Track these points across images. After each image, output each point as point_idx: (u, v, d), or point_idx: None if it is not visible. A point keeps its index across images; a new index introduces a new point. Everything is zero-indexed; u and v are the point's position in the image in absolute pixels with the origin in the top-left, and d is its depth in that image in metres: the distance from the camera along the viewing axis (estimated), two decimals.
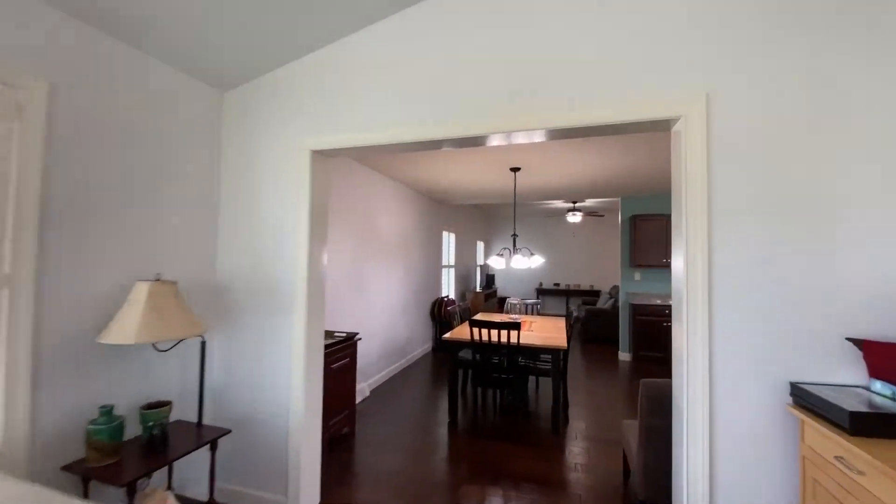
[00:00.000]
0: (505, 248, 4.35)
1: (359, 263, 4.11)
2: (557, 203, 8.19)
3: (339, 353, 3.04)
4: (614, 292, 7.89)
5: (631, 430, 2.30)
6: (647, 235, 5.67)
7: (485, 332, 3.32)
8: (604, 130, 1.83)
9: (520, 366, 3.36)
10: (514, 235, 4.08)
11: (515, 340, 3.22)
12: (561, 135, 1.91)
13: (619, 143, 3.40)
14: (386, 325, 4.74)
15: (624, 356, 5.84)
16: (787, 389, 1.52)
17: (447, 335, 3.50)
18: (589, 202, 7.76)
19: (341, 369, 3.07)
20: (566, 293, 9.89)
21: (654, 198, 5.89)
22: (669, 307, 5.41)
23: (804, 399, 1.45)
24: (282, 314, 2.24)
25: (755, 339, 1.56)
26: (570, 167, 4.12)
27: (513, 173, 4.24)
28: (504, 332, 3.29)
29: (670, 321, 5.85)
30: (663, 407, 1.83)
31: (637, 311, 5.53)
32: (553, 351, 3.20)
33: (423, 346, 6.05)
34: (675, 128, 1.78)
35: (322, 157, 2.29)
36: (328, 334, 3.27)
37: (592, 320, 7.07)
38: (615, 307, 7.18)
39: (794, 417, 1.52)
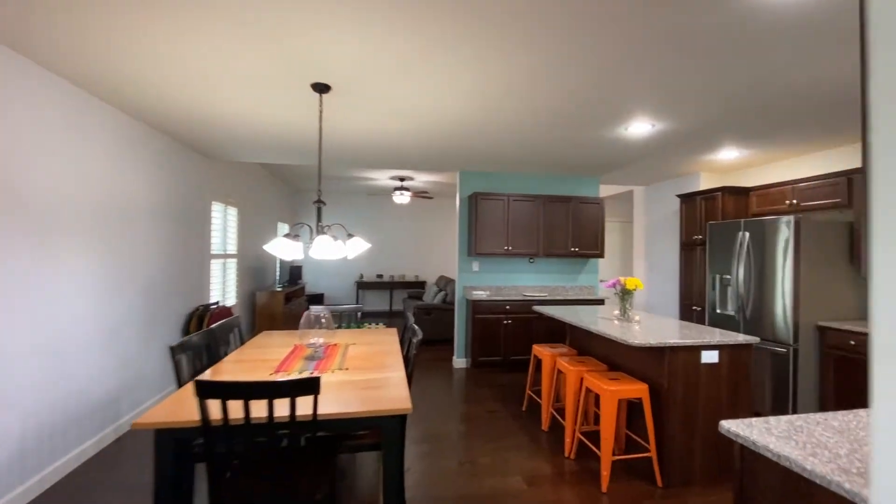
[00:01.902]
0: (300, 225, 2.57)
1: None
2: (383, 180, 6.75)
3: None
4: (442, 284, 7.02)
5: None
6: (491, 219, 4.78)
7: (236, 406, 1.54)
8: None
9: (320, 448, 1.73)
10: (319, 203, 2.36)
11: (310, 412, 1.56)
12: None
13: (472, 58, 2.10)
14: (48, 374, 2.34)
15: (459, 363, 4.86)
16: None
17: (143, 418, 1.55)
18: (420, 181, 6.60)
19: None
20: (390, 286, 8.64)
21: (499, 176, 5.07)
22: (513, 303, 4.65)
23: None
24: None
25: None
26: (401, 95, 2.66)
27: (318, 96, 2.50)
28: (284, 402, 1.58)
29: (512, 320, 5.21)
30: None
31: (477, 308, 4.59)
32: (387, 420, 1.68)
33: (163, 392, 3.68)
34: None
35: None
36: None
37: (422, 319, 5.95)
38: (447, 302, 6.26)
39: None
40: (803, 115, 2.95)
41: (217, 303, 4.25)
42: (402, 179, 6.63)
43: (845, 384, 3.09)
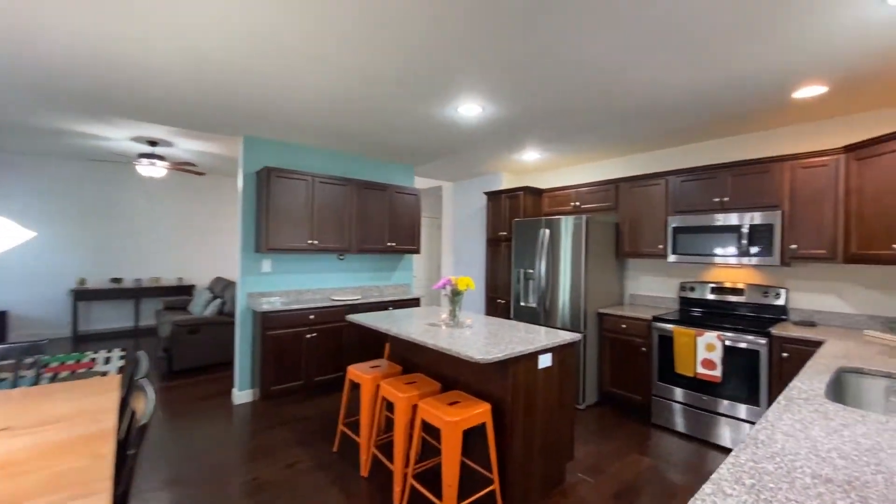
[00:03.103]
0: None
1: None
2: (121, 141, 4.62)
3: None
4: (219, 289, 5.41)
5: None
6: (290, 204, 3.72)
7: None
8: None
9: None
10: None
11: None
12: None
13: None
14: None
15: (244, 396, 3.64)
16: None
17: None
18: (183, 148, 4.79)
19: None
20: (136, 294, 6.21)
21: (301, 150, 4.01)
22: (319, 311, 3.73)
23: None
24: None
25: None
26: None
27: None
28: None
29: (317, 332, 3.64)
30: None
31: (269, 321, 3.49)
32: None
33: None
34: None
35: None
36: None
37: (184, 339, 4.32)
38: (224, 313, 4.77)
39: None
40: (602, 122, 3.20)
41: None
42: (153, 143, 4.68)
43: (618, 362, 3.59)
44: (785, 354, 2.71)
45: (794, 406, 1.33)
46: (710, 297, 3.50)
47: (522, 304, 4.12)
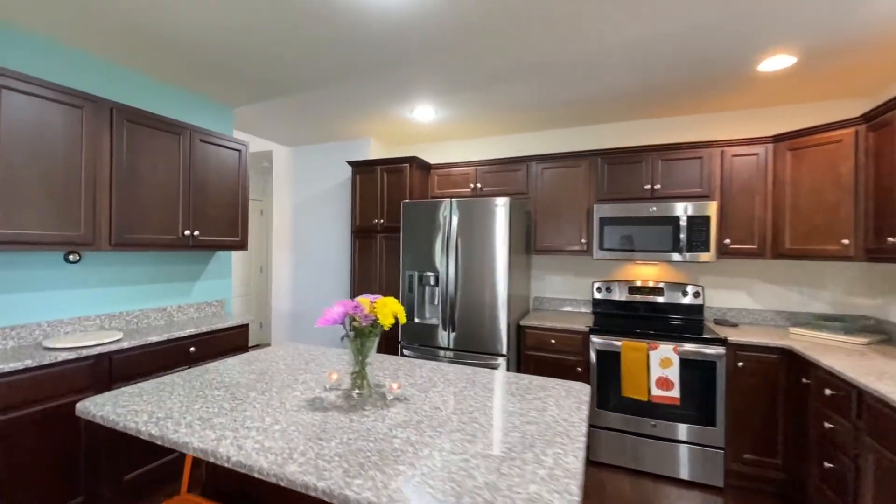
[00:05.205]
0: None
1: None
2: None
3: None
4: None
5: None
6: None
7: None
8: None
9: None
10: None
11: None
12: None
13: None
14: None
15: None
16: None
17: None
18: None
19: None
20: None
21: None
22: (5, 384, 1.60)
23: None
24: None
25: None
26: None
27: None
28: None
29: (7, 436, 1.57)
30: None
31: None
32: None
33: None
34: None
35: None
36: None
37: None
38: None
39: None
40: (533, 68, 2.29)
41: None
42: None
43: None
44: (740, 364, 2.37)
45: None
46: (628, 297, 3.08)
47: (417, 320, 2.91)
